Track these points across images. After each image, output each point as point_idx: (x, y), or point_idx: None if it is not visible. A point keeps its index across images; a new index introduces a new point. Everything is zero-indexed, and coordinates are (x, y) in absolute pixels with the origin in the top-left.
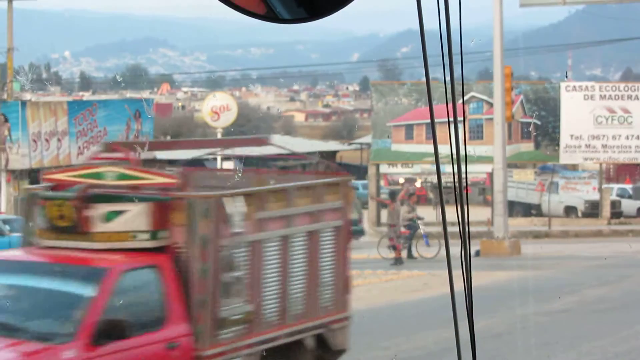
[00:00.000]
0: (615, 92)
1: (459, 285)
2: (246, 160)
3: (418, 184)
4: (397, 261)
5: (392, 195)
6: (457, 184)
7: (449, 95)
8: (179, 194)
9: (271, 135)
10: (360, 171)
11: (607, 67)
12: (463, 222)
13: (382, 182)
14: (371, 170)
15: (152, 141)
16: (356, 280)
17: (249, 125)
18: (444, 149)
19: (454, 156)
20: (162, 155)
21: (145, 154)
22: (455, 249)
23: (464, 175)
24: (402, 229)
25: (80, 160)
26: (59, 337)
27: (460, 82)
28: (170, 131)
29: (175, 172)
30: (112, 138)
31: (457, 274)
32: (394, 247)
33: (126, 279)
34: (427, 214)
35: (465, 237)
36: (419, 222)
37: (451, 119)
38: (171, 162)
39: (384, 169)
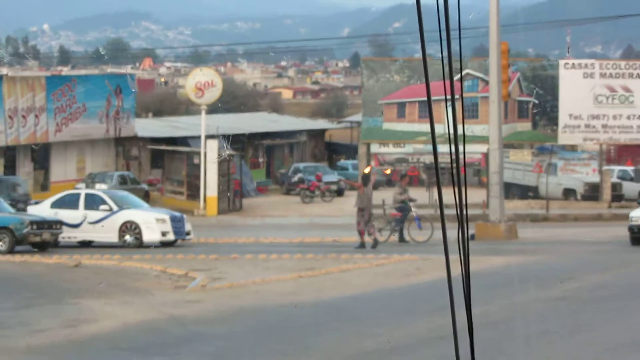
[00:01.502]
0: (616, 70)
1: (454, 271)
2: (234, 138)
3: (389, 171)
4: (361, 245)
5: (365, 178)
6: (454, 165)
7: (446, 72)
8: None
9: (259, 112)
10: (350, 150)
11: (608, 45)
12: (460, 205)
13: (372, 162)
14: (361, 150)
15: None
16: (346, 264)
17: (234, 102)
18: (438, 129)
19: (451, 135)
20: (143, 132)
21: (126, 131)
22: (450, 233)
23: (461, 156)
24: (393, 212)
25: (58, 138)
26: None
27: (457, 59)
28: (152, 108)
29: None
30: (91, 114)
31: (452, 259)
32: (359, 232)
33: None
34: (420, 195)
35: (462, 220)
36: (411, 204)
37: (448, 96)
38: (154, 140)
39: (374, 148)
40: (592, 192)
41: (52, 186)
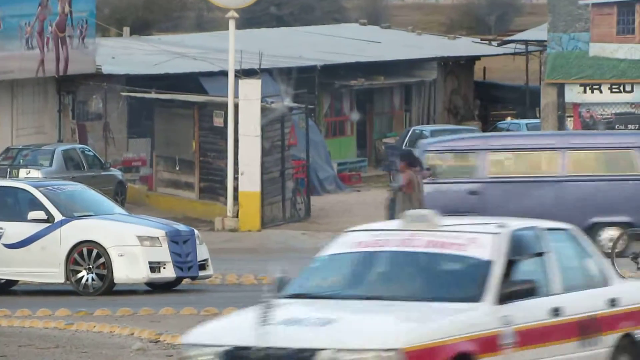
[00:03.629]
0: None
1: None
2: (294, 75)
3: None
4: None
5: (410, 158)
6: None
7: None
8: None
9: (341, 24)
10: (525, 98)
11: None
12: None
13: (569, 123)
14: (548, 97)
15: None
16: None
17: (292, 5)
18: None
19: None
20: (113, 67)
21: (80, 63)
22: None
23: None
24: None
25: None
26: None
27: None
28: (130, 18)
29: None
30: (10, 33)
31: None
32: None
33: None
34: None
35: None
36: None
37: None
38: (134, 81)
39: (572, 94)
40: None
41: None
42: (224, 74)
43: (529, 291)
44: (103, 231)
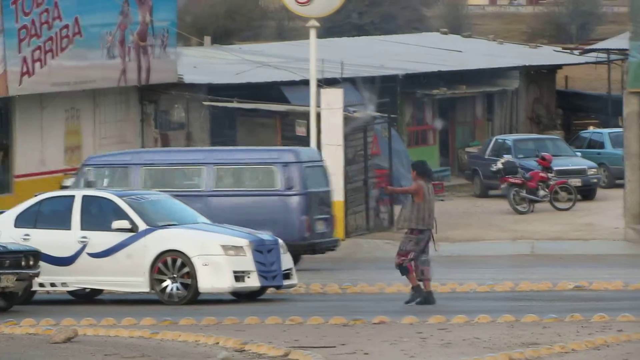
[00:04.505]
0: None
1: None
2: (376, 85)
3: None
4: (417, 296)
5: (423, 169)
6: None
7: None
8: None
9: (422, 33)
10: (607, 107)
11: None
12: None
13: None
14: (630, 106)
15: None
16: (601, 335)
17: (373, 15)
18: None
19: None
20: (195, 76)
21: (162, 73)
22: None
23: None
24: None
25: (27, 89)
26: None
27: None
28: (211, 27)
29: None
30: (92, 41)
31: None
32: (403, 269)
33: None
34: None
35: None
36: None
37: None
38: (216, 91)
39: None
40: None
41: (15, 183)
42: (305, 83)
43: None
44: (187, 240)
